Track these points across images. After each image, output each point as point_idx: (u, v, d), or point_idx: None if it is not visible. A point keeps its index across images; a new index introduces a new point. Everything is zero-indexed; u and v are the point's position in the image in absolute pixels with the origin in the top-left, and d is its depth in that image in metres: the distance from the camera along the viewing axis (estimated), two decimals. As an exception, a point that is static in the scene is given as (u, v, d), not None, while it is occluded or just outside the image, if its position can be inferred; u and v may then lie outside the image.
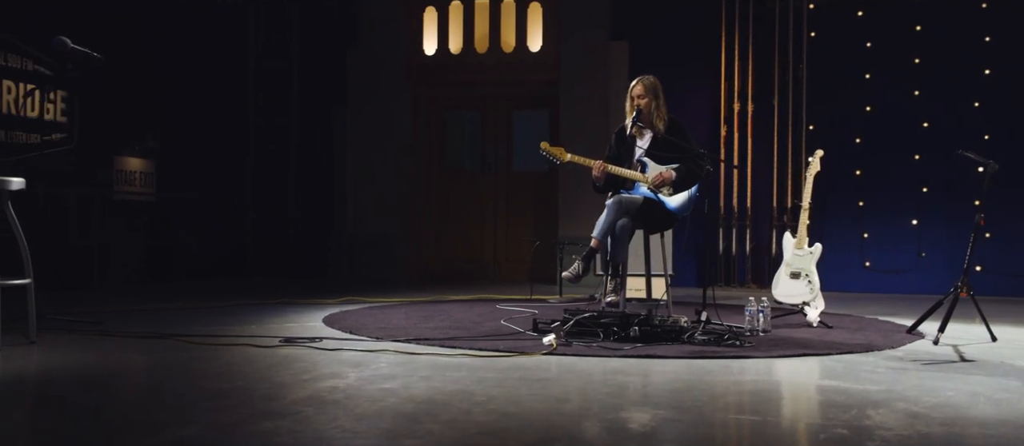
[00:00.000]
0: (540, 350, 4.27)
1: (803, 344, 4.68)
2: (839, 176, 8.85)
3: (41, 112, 8.69)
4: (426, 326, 5.22)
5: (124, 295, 7.17)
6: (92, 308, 5.96)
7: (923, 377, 3.71)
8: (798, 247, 5.73)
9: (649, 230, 5.55)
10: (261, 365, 3.78)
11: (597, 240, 5.29)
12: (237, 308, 6.19)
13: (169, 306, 6.27)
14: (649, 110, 5.45)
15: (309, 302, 6.73)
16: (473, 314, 6.00)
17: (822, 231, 8.85)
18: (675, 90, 9.37)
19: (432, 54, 9.80)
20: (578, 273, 5.21)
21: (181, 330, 4.78)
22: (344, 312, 5.98)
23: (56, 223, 8.17)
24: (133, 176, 9.58)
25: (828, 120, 8.93)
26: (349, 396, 3.11)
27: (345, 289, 7.96)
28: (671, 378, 3.60)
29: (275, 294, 7.35)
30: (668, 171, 5.37)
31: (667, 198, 5.40)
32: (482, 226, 10.11)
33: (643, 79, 5.52)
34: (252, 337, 4.61)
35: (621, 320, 4.78)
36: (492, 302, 6.96)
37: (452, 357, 4.08)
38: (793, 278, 5.67)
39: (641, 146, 5.50)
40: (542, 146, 5.43)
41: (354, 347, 4.31)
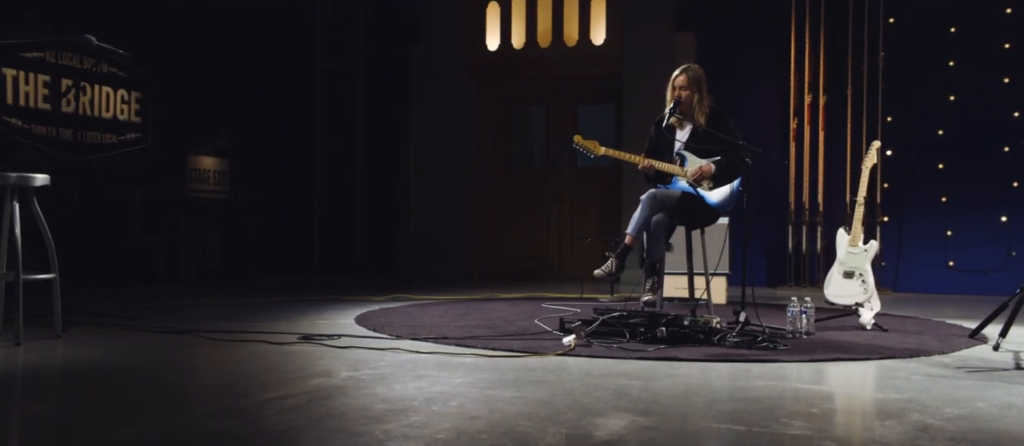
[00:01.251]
0: (557, 350, 4.11)
1: (843, 348, 4.38)
2: (920, 170, 8.36)
3: (115, 112, 8.98)
4: (455, 325, 5.11)
5: (187, 292, 7.30)
6: (144, 304, 6.07)
7: (959, 386, 3.39)
8: (852, 244, 5.39)
9: (689, 226, 5.30)
10: (259, 362, 3.74)
11: (631, 236, 5.08)
12: (282, 305, 6.22)
13: (217, 302, 6.34)
14: (691, 102, 5.21)
15: (355, 299, 6.73)
16: (511, 313, 5.87)
17: (902, 229, 8.39)
18: (743, 82, 9.08)
19: (495, 49, 9.70)
20: (611, 271, 5.02)
21: (210, 326, 4.80)
22: (381, 309, 5.93)
23: (128, 220, 8.44)
24: (207, 175, 9.81)
25: (907, 111, 8.44)
26: (323, 397, 3.02)
27: (400, 287, 7.94)
28: (676, 382, 3.39)
29: (331, 291, 7.38)
30: (707, 164, 5.12)
31: (707, 193, 5.14)
32: (547, 224, 9.96)
33: (687, 69, 5.27)
34: (274, 333, 4.59)
35: (649, 320, 4.57)
36: (540, 300, 6.81)
37: (460, 357, 3.95)
38: (846, 277, 5.33)
39: (680, 139, 5.26)
40: (575, 140, 5.25)
41: (368, 345, 4.23)
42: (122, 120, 9.09)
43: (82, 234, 8.03)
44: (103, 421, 2.69)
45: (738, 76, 9.04)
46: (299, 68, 10.41)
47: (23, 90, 8.06)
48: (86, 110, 8.64)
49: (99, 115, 8.81)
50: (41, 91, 8.24)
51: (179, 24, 9.47)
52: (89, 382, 3.38)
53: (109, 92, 8.90)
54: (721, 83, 9.06)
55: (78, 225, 8.05)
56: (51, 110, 8.27)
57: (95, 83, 8.70)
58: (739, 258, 8.98)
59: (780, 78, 8.76)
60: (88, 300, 6.17)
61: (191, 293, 7.10)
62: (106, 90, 8.87)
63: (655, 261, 5.13)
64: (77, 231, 8.02)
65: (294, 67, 10.39)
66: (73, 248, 7.93)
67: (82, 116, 8.60)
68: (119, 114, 9.05)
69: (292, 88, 10.44)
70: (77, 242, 7.96)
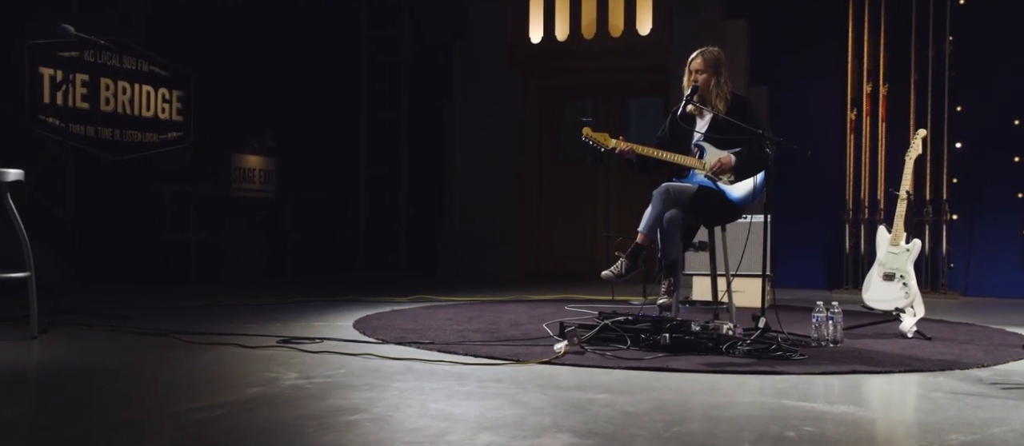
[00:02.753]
0: (543, 358, 3.78)
1: (867, 359, 3.92)
2: (993, 164, 7.72)
3: (156, 111, 8.98)
4: (455, 328, 4.81)
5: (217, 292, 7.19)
6: (157, 305, 5.96)
7: (982, 406, 2.93)
8: (893, 243, 4.89)
9: (707, 223, 4.87)
10: (213, 368, 3.51)
11: (643, 235, 4.71)
12: (294, 306, 6.03)
13: (234, 303, 6.18)
14: (709, 87, 4.79)
15: (375, 300, 6.52)
16: (527, 316, 5.55)
17: (973, 228, 7.76)
18: (797, 71, 8.54)
19: (538, 42, 9.38)
20: (621, 272, 4.66)
21: (195, 329, 4.61)
22: (392, 312, 5.67)
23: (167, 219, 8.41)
24: (252, 174, 9.74)
25: (978, 100, 7.78)
26: (248, 409, 2.77)
27: (432, 287, 7.70)
28: (650, 398, 3.02)
29: (358, 292, 7.18)
30: (727, 156, 4.69)
31: (728, 187, 4.72)
32: (593, 223, 9.59)
33: (704, 51, 4.86)
34: (257, 336, 4.37)
35: (654, 326, 4.19)
36: (567, 302, 6.46)
37: (433, 364, 3.66)
38: (886, 280, 4.84)
39: (699, 130, 4.85)
40: (584, 132, 4.89)
41: (343, 351, 3.97)
42: (163, 119, 9.09)
43: (119, 232, 8.02)
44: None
45: (793, 65, 8.52)
46: (344, 65, 10.28)
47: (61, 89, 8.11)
48: (126, 109, 8.65)
49: (140, 114, 8.81)
50: (79, 90, 8.28)
51: (225, 22, 9.43)
52: (22, 386, 3.20)
53: (149, 91, 8.90)
54: (774, 73, 8.60)
55: (116, 223, 8.05)
56: (90, 109, 8.31)
57: (136, 82, 8.71)
58: (783, 258, 8.51)
59: (837, 67, 8.19)
60: (116, 299, 6.10)
61: (220, 293, 6.98)
62: (147, 89, 8.87)
63: (671, 261, 4.74)
64: (115, 229, 8.02)
65: (339, 64, 10.26)
66: (110, 246, 7.94)
67: (122, 115, 8.61)
68: (160, 113, 9.05)
69: (337, 86, 10.32)
70: (114, 240, 7.97)
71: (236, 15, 9.59)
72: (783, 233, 8.52)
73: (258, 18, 9.89)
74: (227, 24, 9.45)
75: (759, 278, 6.50)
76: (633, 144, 4.77)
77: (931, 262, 7.82)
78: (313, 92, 10.25)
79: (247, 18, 9.70)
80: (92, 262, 7.55)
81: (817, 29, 8.37)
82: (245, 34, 9.67)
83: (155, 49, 8.91)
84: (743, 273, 6.43)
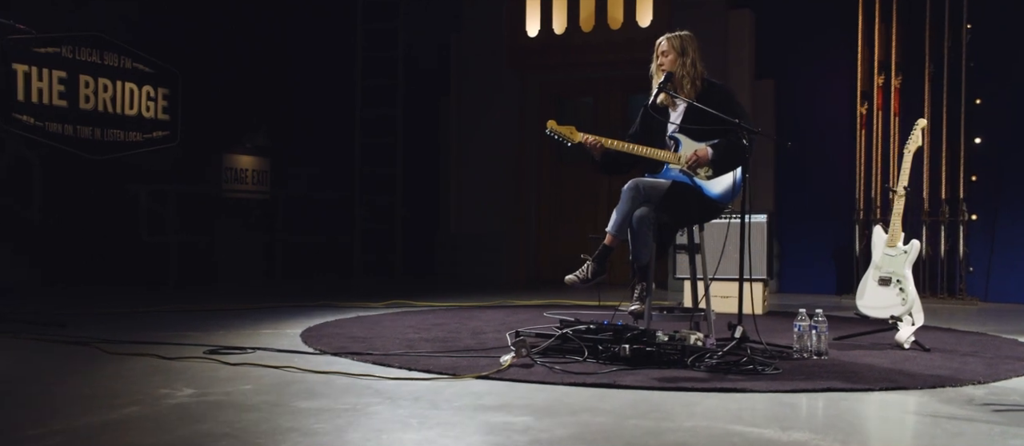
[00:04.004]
0: (482, 372, 3.39)
1: (849, 374, 3.49)
2: (1015, 160, 7.20)
3: (140, 110, 8.71)
4: (406, 338, 4.45)
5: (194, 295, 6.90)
6: (115, 308, 5.66)
7: (962, 433, 2.51)
8: (889, 245, 4.44)
9: (683, 222, 4.43)
10: (110, 383, 3.18)
11: (611, 235, 4.30)
12: (254, 312, 5.69)
13: (192, 308, 5.86)
14: (679, 74, 4.37)
15: (347, 305, 6.18)
16: (498, 323, 5.17)
17: (994, 228, 7.25)
18: (807, 63, 8.07)
19: (535, 35, 8.99)
20: (586, 276, 4.26)
21: (132, 336, 4.28)
22: (347, 319, 5.32)
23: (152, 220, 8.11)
24: (244, 174, 9.45)
25: (1000, 91, 7.26)
26: (111, 429, 2.42)
27: (416, 292, 7.35)
28: (577, 420, 2.63)
29: (332, 297, 6.85)
30: (704, 148, 4.27)
31: (705, 182, 4.30)
32: (595, 224, 9.14)
33: (671, 36, 4.45)
34: (188, 345, 4.04)
35: (615, 336, 3.80)
36: (548, 308, 6.06)
37: (356, 378, 3.29)
38: (882, 285, 4.40)
39: (673, 121, 4.43)
40: (549, 126, 4.48)
41: (267, 362, 3.61)
42: (148, 118, 8.81)
43: (95, 234, 7.74)
44: None
45: (800, 57, 8.06)
46: (339, 62, 9.96)
47: (36, 86, 7.86)
48: (107, 107, 8.38)
49: (122, 112, 8.54)
50: (56, 88, 8.02)
51: (215, 18, 9.14)
52: None
53: (133, 88, 8.63)
54: (784, 65, 8.14)
55: (91, 224, 7.77)
56: (67, 107, 8.05)
57: (119, 79, 8.44)
58: (792, 262, 8.04)
59: (848, 58, 7.70)
60: (72, 303, 5.81)
61: (197, 297, 6.67)
62: (130, 86, 8.60)
63: (643, 264, 4.33)
64: (89, 231, 7.74)
65: (334, 61, 9.96)
66: (83, 248, 7.66)
67: (103, 113, 8.34)
68: (144, 111, 8.77)
69: (331, 83, 10.02)
70: (88, 242, 7.69)
71: (226, 10, 9.31)
72: (791, 235, 8.07)
73: (249, 13, 9.61)
74: (217, 19, 9.17)
75: (757, 283, 6.11)
76: (602, 137, 4.36)
77: (948, 265, 7.31)
78: (307, 90, 9.96)
79: (237, 13, 9.42)
80: (61, 265, 7.27)
81: (826, 18, 7.91)
82: (235, 30, 9.39)
83: (141, 46, 8.65)
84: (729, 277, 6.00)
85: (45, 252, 7.11)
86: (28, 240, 7.04)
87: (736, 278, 5.05)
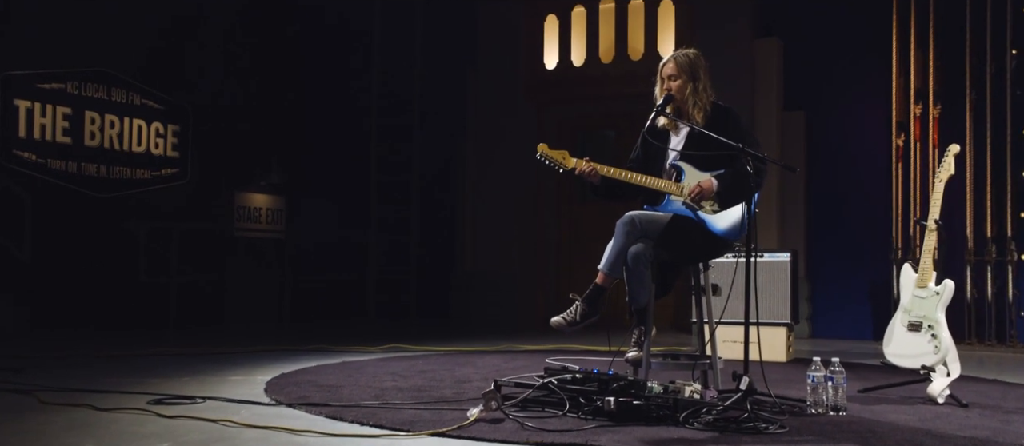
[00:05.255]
0: (444, 427, 2.99)
1: (867, 435, 3.01)
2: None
3: (149, 146, 8.50)
4: (379, 386, 4.07)
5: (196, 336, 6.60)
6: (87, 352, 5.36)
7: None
8: (920, 285, 3.95)
9: (684, 259, 3.99)
10: (14, 438, 2.83)
11: (603, 274, 3.91)
12: (237, 356, 5.35)
13: (164, 352, 5.52)
14: (684, 95, 3.98)
15: (339, 348, 5.81)
16: (486, 370, 4.77)
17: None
18: (841, 94, 7.59)
19: (553, 68, 8.64)
20: (574, 319, 3.86)
21: (87, 385, 3.93)
22: (328, 364, 4.96)
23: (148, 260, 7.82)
24: (258, 212, 9.19)
25: (1049, 121, 6.73)
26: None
27: (424, 335, 6.98)
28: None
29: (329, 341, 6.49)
30: (709, 180, 3.84)
31: (710, 216, 3.86)
32: (617, 264, 8.70)
33: (677, 55, 4.06)
34: (135, 393, 3.69)
35: (601, 387, 3.37)
36: (553, 354, 5.63)
37: (295, 435, 2.91)
38: (911, 330, 3.91)
39: (674, 147, 4.02)
40: (540, 150, 4.10)
41: (206, 415, 3.24)
42: (156, 154, 8.60)
43: (92, 274, 7.47)
44: None
45: (833, 87, 7.60)
46: (353, 98, 9.71)
47: (39, 123, 7.68)
48: (114, 144, 8.18)
49: (130, 149, 8.34)
50: (61, 124, 7.84)
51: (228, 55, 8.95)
52: None
53: (141, 124, 8.43)
54: (814, 96, 7.69)
55: (90, 264, 7.51)
56: (71, 144, 7.86)
57: (126, 115, 8.24)
58: (826, 304, 7.51)
59: (882, 87, 7.22)
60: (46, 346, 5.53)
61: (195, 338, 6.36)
62: (138, 122, 8.40)
63: (640, 306, 3.90)
64: (87, 270, 7.48)
65: (349, 98, 9.70)
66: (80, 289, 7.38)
67: (110, 150, 8.14)
68: (153, 148, 8.56)
69: (347, 120, 9.76)
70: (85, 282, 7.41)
71: (240, 46, 9.12)
72: (824, 276, 7.57)
73: (262, 51, 9.42)
74: (230, 55, 8.98)
75: (780, 327, 5.62)
76: (597, 164, 3.97)
77: (995, 309, 6.74)
78: (322, 128, 9.72)
79: (252, 49, 9.23)
80: (52, 306, 6.99)
81: (858, 45, 7.45)
82: (249, 66, 9.19)
83: (151, 81, 8.47)
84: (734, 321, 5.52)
85: (35, 293, 6.83)
86: (17, 280, 6.78)
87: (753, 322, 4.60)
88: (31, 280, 6.84)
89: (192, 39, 8.64)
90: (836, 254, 7.53)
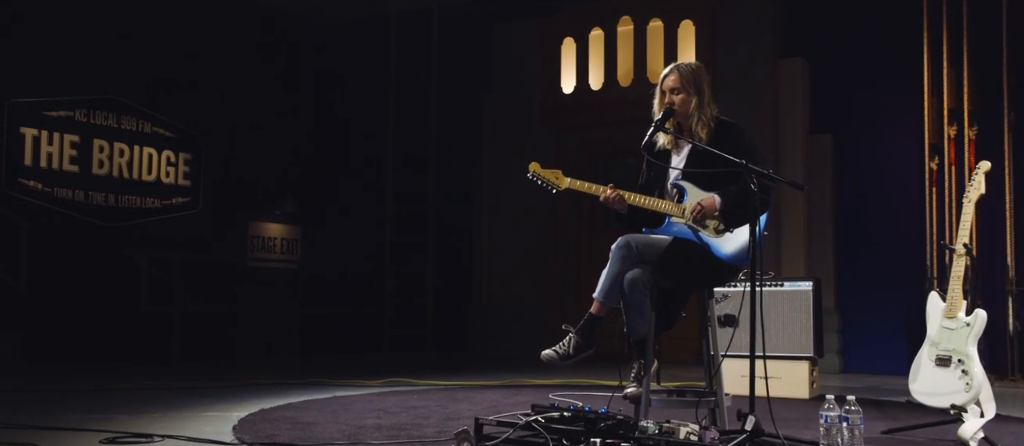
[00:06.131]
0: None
1: (882, 484, 2.66)
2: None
3: (159, 175, 8.37)
4: (360, 424, 3.79)
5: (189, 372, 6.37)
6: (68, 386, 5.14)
7: None
8: (948, 315, 3.59)
9: (685, 286, 3.66)
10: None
11: (598, 302, 3.60)
12: (224, 390, 5.11)
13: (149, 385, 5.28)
14: (688, 111, 3.67)
15: (337, 382, 5.55)
16: (479, 407, 4.46)
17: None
18: (870, 116, 7.22)
19: (570, 92, 8.38)
20: (567, 352, 3.56)
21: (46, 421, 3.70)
22: (316, 399, 4.68)
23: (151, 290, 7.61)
24: (272, 243, 8.99)
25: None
26: None
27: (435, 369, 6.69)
28: None
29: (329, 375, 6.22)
30: (711, 198, 3.53)
31: (714, 239, 3.54)
32: (639, 295, 8.36)
33: (679, 65, 3.77)
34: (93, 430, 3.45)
35: (588, 427, 3.05)
36: (559, 389, 5.30)
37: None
38: (940, 365, 3.54)
39: (676, 165, 3.71)
40: (531, 169, 3.83)
41: (161, 453, 2.98)
42: (167, 183, 8.47)
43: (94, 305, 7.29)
44: None
45: (862, 108, 7.24)
46: (369, 126, 9.52)
47: (45, 151, 7.58)
48: (123, 172, 8.06)
49: (139, 178, 8.21)
50: (68, 152, 7.72)
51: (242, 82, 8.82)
52: None
53: (152, 153, 8.30)
54: (842, 118, 7.35)
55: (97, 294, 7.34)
56: (79, 172, 7.74)
57: (137, 143, 8.12)
58: (856, 337, 7.12)
59: (914, 107, 6.85)
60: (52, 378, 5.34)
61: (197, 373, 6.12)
62: (148, 151, 8.28)
63: (638, 338, 3.59)
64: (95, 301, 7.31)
65: (364, 126, 9.52)
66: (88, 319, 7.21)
67: (118, 179, 8.01)
68: (164, 177, 8.43)
69: (362, 148, 9.56)
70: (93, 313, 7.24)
71: (254, 73, 9.00)
72: (855, 306, 7.17)
73: (277, 78, 9.30)
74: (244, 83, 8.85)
75: (802, 361, 5.24)
76: (595, 184, 3.68)
77: (1039, 343, 6.30)
78: (336, 155, 9.55)
79: (264, 77, 9.11)
80: (50, 337, 6.80)
81: (888, 64, 7.09)
82: (262, 94, 9.06)
83: (162, 109, 8.35)
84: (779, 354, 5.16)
85: (30, 324, 6.65)
86: (11, 311, 6.61)
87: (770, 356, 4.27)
88: (26, 311, 6.67)
89: (205, 66, 8.53)
90: (868, 284, 7.13)
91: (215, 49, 8.60)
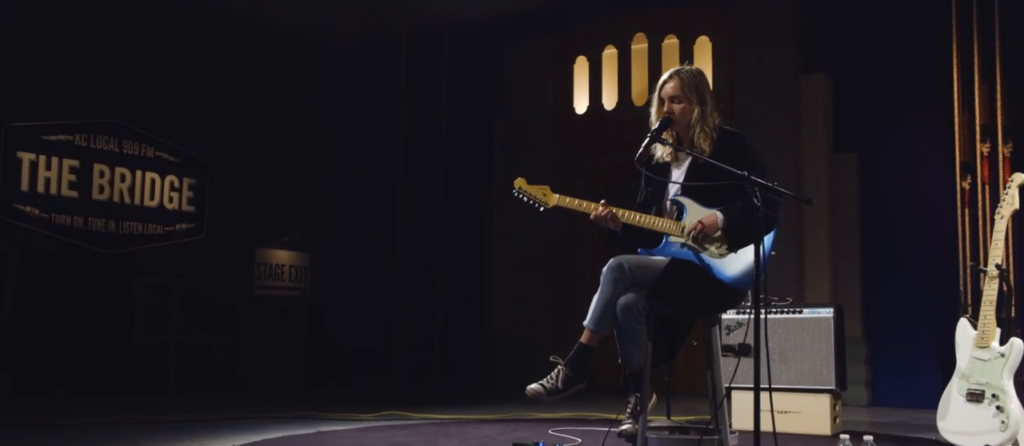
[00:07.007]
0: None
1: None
2: None
3: (162, 200, 8.16)
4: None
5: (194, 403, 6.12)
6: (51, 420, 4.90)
7: None
8: (980, 344, 3.23)
9: (684, 313, 3.33)
10: None
11: (590, 331, 3.28)
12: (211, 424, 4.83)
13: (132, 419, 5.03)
14: (689, 121, 3.36)
15: (330, 416, 5.29)
16: (470, 444, 4.13)
17: None
18: (898, 134, 6.85)
19: (583, 112, 8.09)
20: (555, 386, 3.25)
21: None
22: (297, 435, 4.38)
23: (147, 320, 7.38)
24: (280, 270, 8.73)
25: None
26: None
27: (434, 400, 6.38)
28: None
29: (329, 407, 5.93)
30: (712, 215, 3.21)
31: (716, 260, 3.22)
32: (656, 323, 7.99)
33: (682, 72, 3.46)
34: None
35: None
36: (561, 423, 4.97)
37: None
38: (972, 401, 3.18)
39: (676, 180, 3.40)
40: (517, 185, 3.55)
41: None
42: (170, 209, 8.26)
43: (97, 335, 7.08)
44: None
45: (889, 126, 6.86)
46: (378, 151, 9.27)
47: (43, 176, 7.40)
48: (124, 198, 7.85)
49: (141, 203, 8.01)
50: (67, 177, 7.54)
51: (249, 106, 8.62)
52: None
53: (155, 178, 8.09)
54: (868, 136, 6.97)
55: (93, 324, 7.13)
56: (78, 197, 7.55)
57: (138, 168, 7.93)
58: (885, 369, 6.72)
59: (944, 124, 6.46)
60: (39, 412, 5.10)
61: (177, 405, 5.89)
62: (151, 176, 8.07)
63: (633, 370, 3.26)
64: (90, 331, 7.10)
65: (373, 151, 9.28)
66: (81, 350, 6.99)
67: (120, 204, 7.81)
68: (166, 202, 8.22)
69: (371, 173, 9.30)
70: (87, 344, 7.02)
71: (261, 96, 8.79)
72: (885, 336, 6.75)
73: (283, 100, 9.08)
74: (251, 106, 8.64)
75: (823, 394, 4.87)
76: (586, 201, 3.38)
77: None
78: (345, 179, 9.30)
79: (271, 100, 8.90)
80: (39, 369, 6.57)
81: (916, 79, 6.71)
82: (269, 117, 8.85)
83: (166, 133, 8.16)
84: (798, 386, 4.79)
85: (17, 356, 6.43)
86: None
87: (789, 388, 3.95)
88: (12, 343, 6.44)
89: (211, 89, 8.34)
90: (899, 311, 6.72)
91: (221, 72, 8.41)
